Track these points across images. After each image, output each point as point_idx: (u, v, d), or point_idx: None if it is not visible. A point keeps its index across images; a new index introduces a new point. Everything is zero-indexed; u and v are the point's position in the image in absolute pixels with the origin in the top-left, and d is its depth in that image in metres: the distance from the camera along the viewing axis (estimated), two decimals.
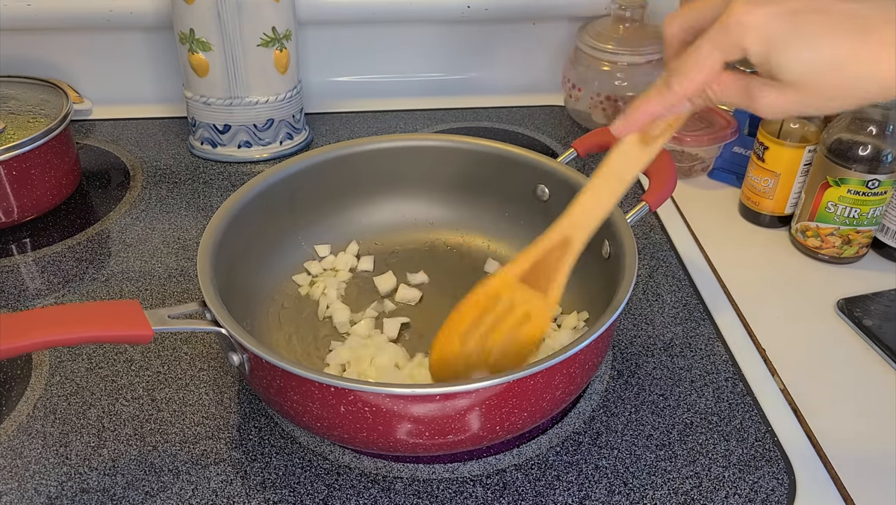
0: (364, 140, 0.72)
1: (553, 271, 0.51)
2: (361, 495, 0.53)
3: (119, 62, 1.00)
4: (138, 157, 0.91)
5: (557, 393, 0.52)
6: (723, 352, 0.65)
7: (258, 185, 0.65)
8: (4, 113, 0.79)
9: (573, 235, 0.51)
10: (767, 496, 0.53)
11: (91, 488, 0.53)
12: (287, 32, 0.85)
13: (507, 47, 1.05)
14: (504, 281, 0.52)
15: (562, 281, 0.51)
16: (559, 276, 0.51)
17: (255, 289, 0.66)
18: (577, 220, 0.50)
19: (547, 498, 0.53)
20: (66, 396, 0.60)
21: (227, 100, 0.87)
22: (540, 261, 0.51)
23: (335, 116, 1.01)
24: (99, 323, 0.47)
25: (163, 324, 0.49)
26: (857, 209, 0.72)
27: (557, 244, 0.51)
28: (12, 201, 0.76)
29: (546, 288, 0.51)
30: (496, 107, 1.04)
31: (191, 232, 0.78)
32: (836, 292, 0.72)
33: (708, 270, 0.75)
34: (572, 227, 0.51)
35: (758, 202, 0.80)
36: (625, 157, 0.47)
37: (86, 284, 0.71)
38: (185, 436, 0.57)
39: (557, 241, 0.51)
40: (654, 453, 0.56)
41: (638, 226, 0.81)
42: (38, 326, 0.46)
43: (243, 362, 0.52)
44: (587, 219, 0.50)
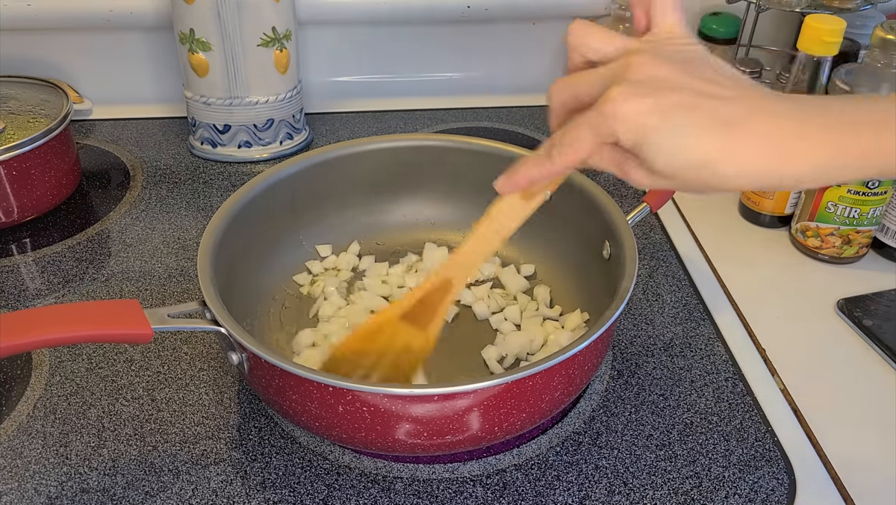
0: (364, 140, 0.72)
1: (433, 310, 0.54)
2: (361, 495, 0.53)
3: (119, 62, 1.00)
4: (138, 157, 0.91)
5: (556, 394, 0.52)
6: (723, 352, 0.65)
7: (258, 185, 0.65)
8: (4, 113, 0.79)
9: (453, 279, 0.53)
10: (767, 496, 0.53)
11: (91, 488, 0.53)
12: (287, 32, 0.85)
13: (507, 47, 1.05)
14: (386, 319, 0.56)
15: (441, 317, 0.54)
16: (439, 313, 0.54)
17: (256, 289, 0.66)
18: (459, 265, 0.53)
19: (547, 498, 0.53)
20: (66, 396, 0.60)
21: (227, 100, 0.87)
22: (422, 300, 0.54)
23: (335, 116, 1.01)
24: (99, 322, 0.47)
25: (163, 323, 0.49)
26: (857, 209, 0.72)
27: (439, 286, 0.54)
28: (12, 201, 0.76)
29: (426, 324, 0.55)
30: (496, 107, 1.04)
31: (191, 232, 0.78)
32: (836, 292, 0.72)
33: (708, 270, 0.75)
34: (453, 271, 0.53)
35: (758, 202, 0.80)
36: (507, 210, 0.50)
37: (86, 284, 0.71)
38: (185, 436, 0.57)
39: (439, 283, 0.54)
40: (654, 453, 0.56)
41: (638, 226, 0.81)
42: (38, 324, 0.46)
43: (242, 362, 0.52)
44: (467, 264, 0.53)
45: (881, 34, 0.67)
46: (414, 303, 0.55)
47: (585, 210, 0.65)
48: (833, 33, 0.69)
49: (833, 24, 0.69)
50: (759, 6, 0.87)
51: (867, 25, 0.91)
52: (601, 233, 0.63)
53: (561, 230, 0.69)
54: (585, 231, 0.65)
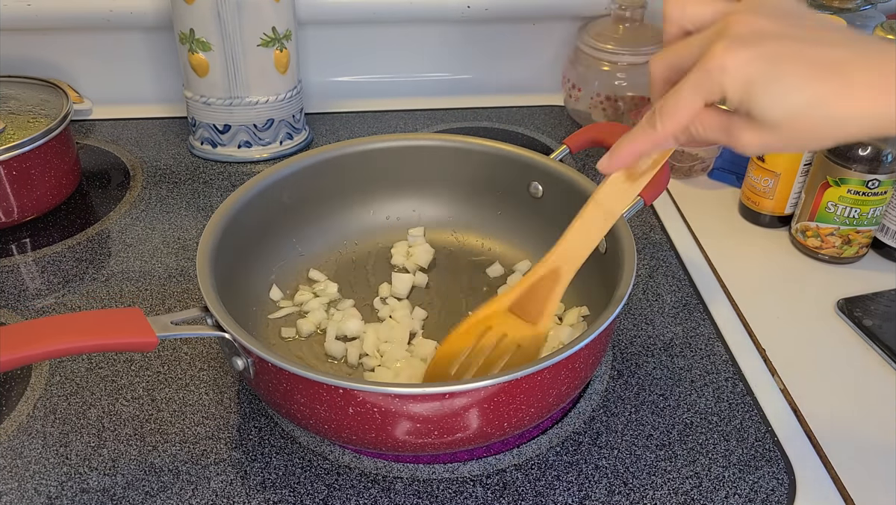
0: (364, 140, 0.72)
1: (543, 302, 0.52)
2: (361, 495, 0.53)
3: (119, 62, 1.00)
4: (138, 157, 0.91)
5: (563, 388, 0.52)
6: (723, 352, 0.65)
7: (257, 185, 0.65)
8: (4, 113, 0.79)
9: (562, 268, 0.52)
10: (767, 496, 0.53)
11: (91, 488, 0.53)
12: (287, 32, 0.85)
13: (507, 47, 1.05)
14: (494, 312, 0.53)
15: (552, 311, 0.52)
16: (549, 306, 0.52)
17: (256, 289, 0.66)
18: (567, 253, 0.51)
19: (547, 498, 0.53)
20: (66, 396, 0.60)
21: (227, 100, 0.87)
22: (529, 292, 0.52)
23: (335, 116, 1.01)
24: (102, 332, 0.47)
25: (166, 330, 0.48)
26: (857, 209, 0.72)
27: (547, 276, 0.52)
28: (12, 201, 0.76)
29: (536, 318, 0.53)
30: (496, 107, 1.04)
31: (191, 232, 0.78)
32: (836, 292, 0.72)
33: (708, 270, 0.75)
34: (561, 259, 0.52)
35: (758, 202, 0.80)
36: (612, 193, 0.48)
37: (86, 284, 0.71)
38: (185, 436, 0.57)
39: (547, 273, 0.52)
40: (654, 453, 0.56)
41: (638, 226, 0.81)
42: (42, 336, 0.46)
43: (248, 366, 0.51)
44: (576, 252, 0.51)
45: (881, 34, 0.67)
46: (521, 294, 0.53)
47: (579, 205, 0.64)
48: None
49: None
50: None
51: (867, 25, 0.91)
52: None
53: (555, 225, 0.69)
54: None
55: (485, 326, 0.54)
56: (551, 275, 0.52)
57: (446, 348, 0.55)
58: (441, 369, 0.55)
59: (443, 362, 0.55)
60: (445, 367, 0.54)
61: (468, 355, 0.54)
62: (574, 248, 0.51)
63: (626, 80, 0.93)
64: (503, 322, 0.53)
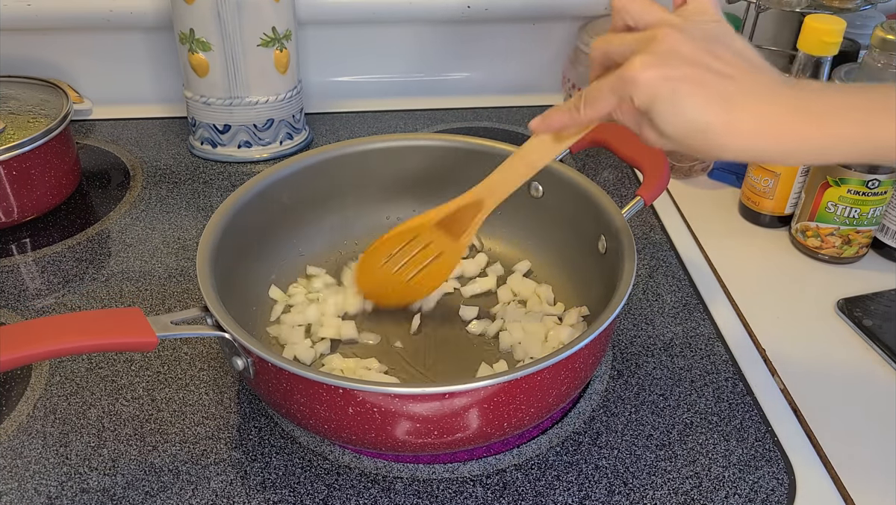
0: (364, 140, 0.72)
1: (466, 224, 0.60)
2: (361, 495, 0.53)
3: (119, 62, 1.00)
4: (138, 157, 0.91)
5: (563, 388, 0.52)
6: (723, 352, 0.65)
7: (257, 185, 0.65)
8: (4, 113, 0.79)
9: (485, 199, 0.59)
10: (767, 496, 0.53)
11: (91, 488, 0.53)
12: (287, 32, 0.85)
13: (507, 47, 1.05)
14: (422, 223, 0.61)
15: (472, 232, 0.60)
16: (471, 228, 0.60)
17: (255, 290, 0.66)
18: (491, 188, 0.59)
19: (547, 498, 0.53)
20: (66, 396, 0.60)
21: (227, 100, 0.87)
22: (455, 214, 0.60)
23: (335, 116, 1.01)
24: (102, 332, 0.47)
25: (166, 330, 0.48)
26: (857, 209, 0.72)
27: (472, 203, 0.60)
28: (12, 201, 0.76)
29: (458, 235, 0.61)
30: (496, 107, 1.04)
31: (191, 232, 0.78)
32: (836, 292, 0.72)
33: (708, 270, 0.75)
34: (486, 192, 0.59)
35: (758, 202, 0.80)
36: (538, 148, 0.55)
37: (86, 284, 0.71)
38: (185, 436, 0.57)
39: (472, 200, 0.59)
40: (654, 453, 0.56)
41: (638, 226, 0.81)
42: (41, 336, 0.46)
43: (248, 366, 0.51)
44: (499, 189, 0.58)
45: (881, 34, 0.67)
46: (448, 214, 0.60)
47: (579, 205, 0.65)
48: (833, 33, 0.69)
49: (833, 24, 0.69)
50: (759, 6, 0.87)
51: (867, 25, 0.91)
52: (596, 227, 0.63)
53: (555, 225, 0.69)
54: (580, 226, 0.66)
55: (413, 234, 0.62)
56: (475, 203, 0.59)
57: (376, 246, 0.63)
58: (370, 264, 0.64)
59: (372, 258, 0.64)
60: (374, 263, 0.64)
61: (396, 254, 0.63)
62: (497, 186, 0.58)
63: None
64: (429, 233, 0.61)
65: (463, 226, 0.61)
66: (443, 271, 0.63)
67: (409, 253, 0.63)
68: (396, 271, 0.63)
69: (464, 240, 0.61)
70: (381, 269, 0.64)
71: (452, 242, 0.61)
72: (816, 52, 0.70)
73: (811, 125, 0.43)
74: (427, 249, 0.62)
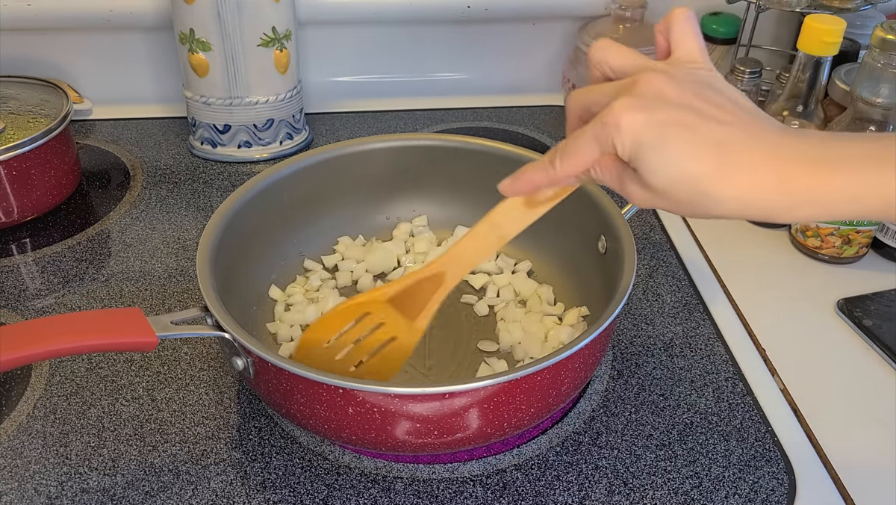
0: (364, 140, 0.72)
1: (424, 301, 0.53)
2: (361, 495, 0.53)
3: (119, 62, 1.00)
4: (138, 157, 0.91)
5: (563, 388, 0.52)
6: (723, 352, 0.65)
7: (257, 185, 0.65)
8: (4, 113, 0.79)
9: (448, 273, 0.52)
10: (767, 496, 0.53)
11: (91, 488, 0.53)
12: (287, 32, 0.85)
13: (508, 47, 1.05)
14: (373, 298, 0.54)
15: (431, 310, 0.53)
16: (429, 306, 0.53)
17: (255, 290, 0.66)
18: (455, 260, 0.52)
19: (547, 498, 0.53)
20: (66, 396, 0.60)
21: (227, 100, 0.87)
22: (412, 288, 0.53)
23: (335, 116, 1.01)
24: (102, 332, 0.47)
25: (166, 330, 0.49)
26: None
27: (432, 277, 0.53)
28: (12, 201, 0.76)
29: (415, 315, 0.53)
30: (496, 107, 1.04)
31: (191, 232, 0.78)
32: (836, 292, 0.72)
33: (708, 270, 0.75)
34: (447, 265, 0.52)
35: None
36: (509, 215, 0.49)
37: (86, 284, 0.71)
38: (185, 436, 0.57)
39: (432, 274, 0.53)
40: (654, 453, 0.56)
41: (638, 226, 0.81)
42: (41, 336, 0.46)
43: (248, 366, 0.51)
44: (463, 262, 0.52)
45: (881, 34, 0.67)
46: (404, 289, 0.53)
47: (579, 205, 0.65)
48: (833, 33, 0.69)
49: (833, 24, 0.69)
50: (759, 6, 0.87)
51: (867, 25, 0.91)
52: (596, 227, 0.63)
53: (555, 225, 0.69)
54: (580, 226, 0.65)
55: (363, 310, 0.54)
56: (435, 278, 0.53)
57: (322, 323, 0.55)
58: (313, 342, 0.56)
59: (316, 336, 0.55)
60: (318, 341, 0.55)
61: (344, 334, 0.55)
62: (462, 258, 0.52)
63: None
64: (382, 311, 0.54)
65: (420, 304, 0.53)
66: (396, 358, 0.55)
67: (357, 335, 0.55)
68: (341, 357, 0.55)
69: (420, 322, 0.53)
70: (324, 352, 0.55)
71: (408, 324, 0.54)
72: (816, 52, 0.70)
73: (818, 174, 0.38)
74: (379, 332, 0.54)
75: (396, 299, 0.54)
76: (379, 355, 0.55)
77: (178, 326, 0.50)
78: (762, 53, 1.01)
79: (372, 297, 0.54)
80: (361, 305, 0.54)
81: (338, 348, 0.55)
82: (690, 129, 0.39)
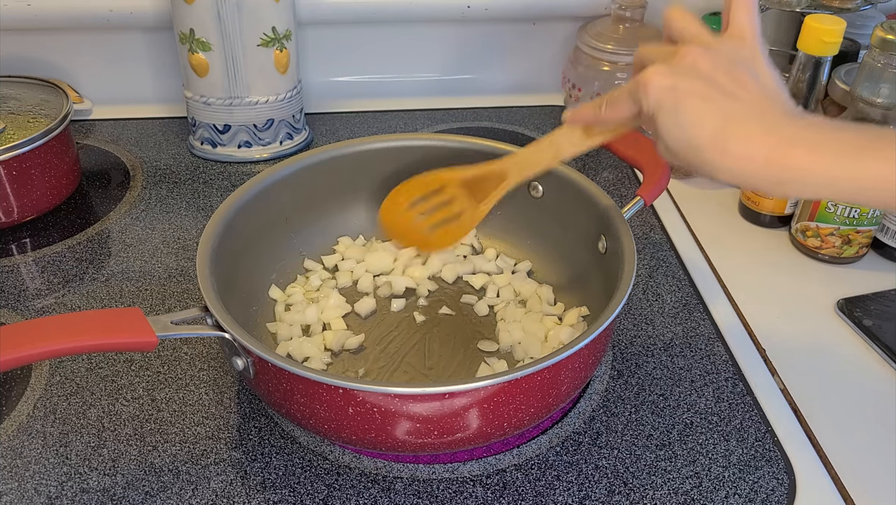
0: (364, 140, 0.72)
1: (488, 191, 0.60)
2: (361, 495, 0.53)
3: (119, 62, 1.00)
4: (138, 157, 0.91)
5: (563, 388, 0.52)
6: (723, 352, 0.65)
7: (257, 185, 0.65)
8: (4, 113, 0.79)
9: (510, 173, 0.59)
10: (767, 496, 0.53)
11: (91, 488, 0.53)
12: (287, 32, 0.85)
13: (507, 47, 1.05)
14: (451, 176, 0.62)
15: (492, 200, 0.60)
16: (492, 196, 0.60)
17: (255, 290, 0.66)
18: (517, 164, 0.59)
19: (547, 498, 0.53)
20: (66, 396, 0.60)
21: (227, 100, 0.87)
22: (481, 178, 0.60)
23: (335, 116, 1.01)
24: (102, 332, 0.47)
25: (166, 330, 0.48)
26: (857, 209, 0.72)
27: (497, 173, 0.60)
28: (12, 201, 0.76)
29: (479, 200, 0.61)
30: (496, 107, 1.04)
31: (191, 232, 0.78)
32: (836, 292, 0.72)
33: (708, 270, 0.75)
34: (512, 166, 0.59)
35: (758, 202, 0.80)
36: (567, 139, 0.55)
37: (86, 284, 0.71)
38: (185, 436, 0.57)
39: (498, 171, 0.60)
40: (654, 453, 0.56)
41: (638, 226, 0.81)
42: (41, 336, 0.46)
43: (248, 366, 0.51)
44: (525, 167, 0.59)
45: (881, 34, 0.67)
46: (475, 175, 0.61)
47: (579, 205, 0.65)
48: (833, 33, 0.69)
49: (833, 24, 0.69)
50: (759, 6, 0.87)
51: (867, 25, 0.91)
52: (596, 227, 0.63)
53: (555, 225, 0.69)
54: (580, 226, 0.66)
55: (439, 183, 0.62)
56: (500, 173, 0.59)
57: (404, 186, 0.63)
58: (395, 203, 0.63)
59: (398, 198, 0.63)
60: (400, 201, 0.63)
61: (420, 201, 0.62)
62: (523, 163, 0.59)
63: (626, 80, 0.92)
64: (455, 188, 0.61)
65: (485, 192, 0.60)
66: (459, 231, 0.62)
67: (433, 202, 0.62)
68: (418, 217, 0.63)
69: (483, 206, 0.60)
70: (405, 211, 0.63)
71: (473, 205, 0.61)
72: (816, 52, 0.70)
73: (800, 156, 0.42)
74: (450, 205, 0.62)
75: (469, 182, 0.61)
76: (445, 226, 0.62)
77: (178, 326, 0.50)
78: None
79: (449, 174, 0.62)
80: (440, 178, 0.62)
81: (414, 211, 0.62)
82: (705, 99, 0.44)
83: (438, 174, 0.62)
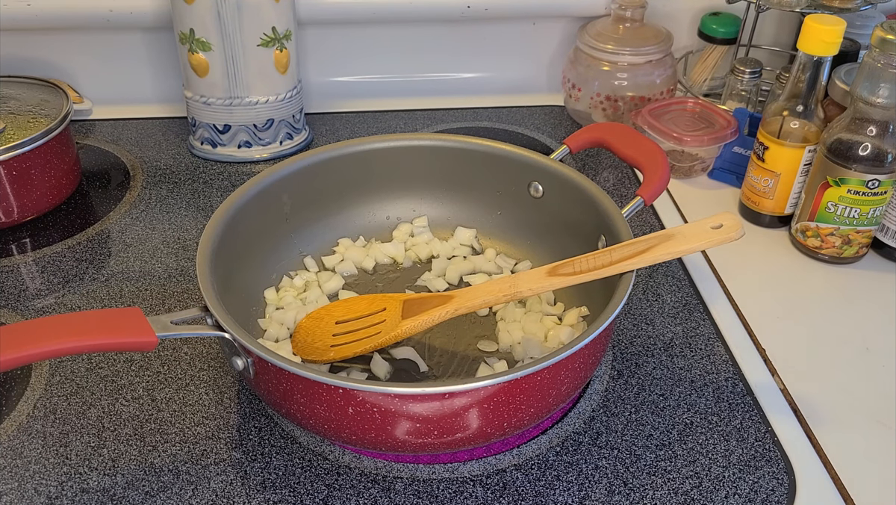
0: (364, 140, 0.72)
1: (422, 309, 0.58)
2: (361, 495, 0.53)
3: (119, 62, 1.00)
4: (138, 157, 0.91)
5: (563, 388, 0.52)
6: (723, 352, 0.65)
7: (257, 185, 0.65)
8: (4, 113, 0.79)
9: (455, 299, 0.58)
10: (767, 496, 0.53)
11: (91, 488, 0.53)
12: (287, 32, 0.85)
13: (507, 47, 1.05)
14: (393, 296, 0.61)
15: (420, 321, 0.58)
16: (423, 317, 0.58)
17: (255, 290, 0.66)
18: (467, 293, 0.58)
19: (547, 498, 0.53)
20: (66, 396, 0.60)
21: (227, 100, 0.87)
22: (424, 299, 0.60)
23: (335, 116, 1.01)
24: (102, 332, 0.47)
25: (166, 330, 0.48)
26: (857, 209, 0.72)
27: (443, 298, 0.59)
28: (12, 201, 0.76)
29: (408, 315, 0.59)
30: (496, 107, 1.04)
31: (191, 232, 0.78)
32: (837, 292, 0.72)
33: (708, 270, 0.75)
34: (461, 294, 0.58)
35: (758, 202, 0.80)
36: (530, 279, 0.56)
37: (86, 284, 0.71)
38: (185, 436, 0.57)
39: (445, 296, 0.59)
40: (654, 453, 0.56)
41: (638, 226, 0.81)
42: (41, 336, 0.46)
43: (248, 366, 0.51)
44: (473, 299, 0.58)
45: (881, 34, 0.67)
46: (419, 297, 0.59)
47: (579, 205, 0.65)
48: (833, 33, 0.69)
49: (833, 24, 0.69)
50: (759, 6, 0.87)
51: (867, 25, 0.91)
52: (596, 227, 0.63)
53: (555, 225, 0.69)
54: (580, 225, 0.66)
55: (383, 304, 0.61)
56: (446, 301, 0.58)
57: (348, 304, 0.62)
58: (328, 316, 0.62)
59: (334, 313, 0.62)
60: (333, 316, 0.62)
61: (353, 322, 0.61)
62: (474, 296, 0.58)
63: (627, 80, 0.93)
64: (393, 308, 0.60)
65: (417, 311, 0.58)
66: (368, 344, 0.59)
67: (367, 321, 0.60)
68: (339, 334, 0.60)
69: (406, 323, 0.58)
70: (328, 327, 0.61)
71: (398, 321, 0.59)
72: (816, 52, 0.70)
73: None
74: (373, 317, 0.60)
75: (409, 301, 0.59)
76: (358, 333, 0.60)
77: (178, 326, 0.50)
78: (762, 53, 1.01)
79: (393, 295, 0.61)
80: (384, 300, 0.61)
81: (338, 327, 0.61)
82: None
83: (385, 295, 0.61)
